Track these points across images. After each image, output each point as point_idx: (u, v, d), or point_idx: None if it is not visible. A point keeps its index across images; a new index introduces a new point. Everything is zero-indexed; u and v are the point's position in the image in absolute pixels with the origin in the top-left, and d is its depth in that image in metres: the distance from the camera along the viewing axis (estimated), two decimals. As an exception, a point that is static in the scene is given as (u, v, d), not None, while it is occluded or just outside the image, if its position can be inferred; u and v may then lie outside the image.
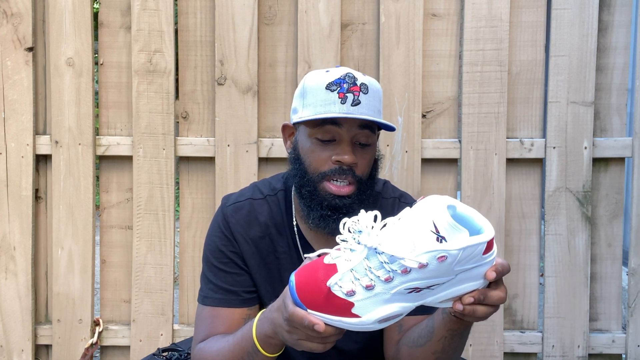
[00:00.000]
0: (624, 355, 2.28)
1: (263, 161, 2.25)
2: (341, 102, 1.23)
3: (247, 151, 2.21)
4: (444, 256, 0.92)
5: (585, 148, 2.19)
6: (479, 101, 2.19)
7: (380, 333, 1.39)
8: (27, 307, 2.25)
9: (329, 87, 1.24)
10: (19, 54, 2.21)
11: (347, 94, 1.23)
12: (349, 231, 0.99)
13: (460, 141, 2.21)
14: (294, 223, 1.37)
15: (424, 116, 2.23)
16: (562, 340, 2.23)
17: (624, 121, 2.25)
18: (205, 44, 2.24)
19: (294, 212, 1.38)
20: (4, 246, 2.24)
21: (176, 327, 2.28)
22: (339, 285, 0.97)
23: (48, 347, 2.31)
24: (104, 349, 2.31)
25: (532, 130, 2.23)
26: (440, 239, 0.92)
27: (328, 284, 0.97)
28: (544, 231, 2.23)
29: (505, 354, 2.25)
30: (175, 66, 2.23)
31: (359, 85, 1.25)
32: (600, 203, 2.25)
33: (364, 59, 2.23)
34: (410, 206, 0.99)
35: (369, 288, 0.96)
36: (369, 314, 0.96)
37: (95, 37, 2.26)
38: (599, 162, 2.23)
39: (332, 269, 0.98)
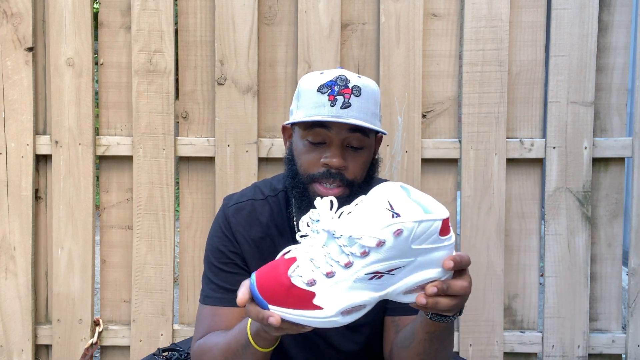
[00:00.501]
0: (624, 355, 2.28)
1: (263, 161, 2.25)
2: (330, 105, 1.22)
3: (247, 151, 2.21)
4: (399, 229, 0.93)
5: (585, 148, 2.19)
6: (479, 101, 2.19)
7: (380, 333, 1.39)
8: (27, 307, 2.25)
9: (320, 89, 1.24)
10: (19, 54, 2.21)
11: (337, 97, 1.23)
12: (307, 225, 1.00)
13: (460, 141, 2.21)
14: (295, 224, 1.37)
15: (424, 116, 2.23)
16: (562, 340, 2.23)
17: (624, 121, 2.25)
18: (205, 44, 2.24)
19: (294, 212, 1.38)
20: (4, 246, 2.24)
21: (176, 327, 2.28)
22: (299, 274, 0.96)
23: (48, 347, 2.31)
24: (104, 349, 2.31)
25: (532, 130, 2.24)
26: (395, 215, 0.94)
27: (288, 273, 0.96)
28: (544, 231, 2.23)
29: (505, 354, 2.25)
30: (175, 66, 2.23)
31: (350, 87, 1.24)
32: (600, 203, 2.25)
33: (364, 59, 2.23)
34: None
35: (329, 275, 0.95)
36: (331, 304, 0.95)
37: (95, 37, 2.26)
38: (599, 162, 2.23)
39: (292, 261, 0.98)
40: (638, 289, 2.24)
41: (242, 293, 0.97)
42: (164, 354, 1.61)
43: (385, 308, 1.37)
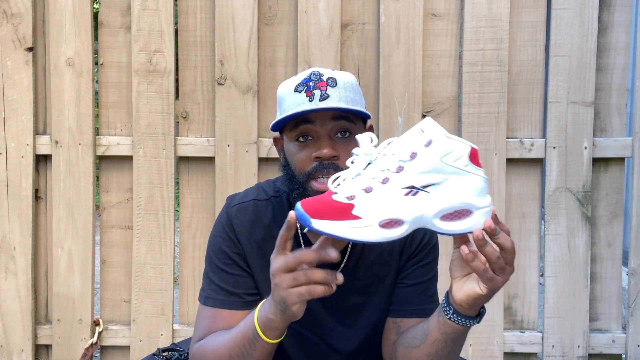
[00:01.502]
0: (624, 355, 2.28)
1: (263, 161, 2.25)
2: (309, 100, 1.23)
3: (247, 151, 2.21)
4: (429, 139, 1.01)
5: (585, 148, 2.19)
6: (479, 101, 2.19)
7: (379, 333, 1.39)
8: (27, 307, 2.25)
9: (296, 89, 1.25)
10: (19, 54, 2.21)
11: (314, 91, 1.24)
12: (352, 162, 1.07)
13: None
14: (298, 225, 1.37)
15: (424, 116, 2.23)
16: (562, 340, 2.23)
17: (624, 121, 2.25)
18: (205, 44, 2.24)
19: None
20: (4, 246, 2.24)
21: (176, 327, 2.28)
22: (339, 192, 1.03)
23: (48, 347, 2.31)
24: (104, 349, 2.31)
25: (532, 130, 2.23)
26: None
27: (329, 186, 1.04)
28: (544, 231, 2.23)
29: (505, 354, 2.25)
30: (175, 66, 2.23)
31: (325, 80, 1.25)
32: (600, 203, 2.25)
33: (364, 59, 2.23)
34: None
35: (367, 190, 1.02)
36: (370, 214, 1.00)
37: (95, 37, 2.26)
38: (599, 162, 2.23)
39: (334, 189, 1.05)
40: (638, 289, 2.24)
41: (290, 214, 1.03)
42: (164, 354, 1.61)
43: (387, 310, 1.37)
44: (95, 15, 2.31)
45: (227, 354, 1.21)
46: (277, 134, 1.37)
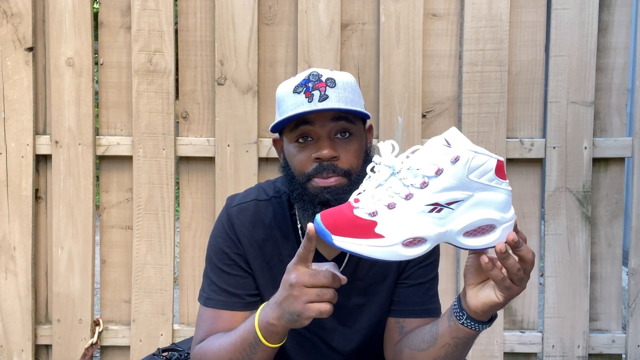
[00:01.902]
0: (624, 355, 2.28)
1: (263, 161, 2.25)
2: (308, 101, 1.23)
3: (247, 151, 2.21)
4: (456, 156, 0.97)
5: (585, 148, 2.19)
6: (479, 101, 2.19)
7: (380, 333, 1.39)
8: (27, 307, 2.25)
9: (295, 90, 1.24)
10: (19, 54, 2.21)
11: (313, 92, 1.23)
12: (372, 170, 1.05)
13: (460, 141, 2.21)
14: (299, 225, 1.37)
15: (424, 116, 2.23)
16: (562, 340, 2.23)
17: (624, 121, 2.25)
18: (205, 44, 2.24)
19: (298, 215, 1.38)
20: (4, 246, 2.24)
21: (176, 327, 2.28)
22: (361, 207, 1.00)
23: (48, 347, 2.31)
24: (104, 349, 2.31)
25: (532, 130, 2.23)
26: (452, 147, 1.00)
27: (351, 203, 1.01)
28: (544, 231, 2.23)
29: (505, 354, 2.25)
30: (175, 66, 2.23)
31: (324, 80, 1.25)
32: (600, 203, 2.25)
33: (364, 59, 2.23)
34: None
35: (390, 207, 0.99)
36: (393, 233, 0.98)
37: (95, 37, 2.26)
38: (599, 162, 2.23)
39: (355, 202, 1.02)
40: (638, 289, 2.24)
41: (310, 227, 1.03)
42: (164, 354, 1.61)
43: (388, 310, 1.37)
44: (95, 15, 2.31)
45: (227, 358, 1.21)
46: (276, 135, 1.37)
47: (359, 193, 1.03)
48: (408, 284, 1.36)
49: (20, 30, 2.20)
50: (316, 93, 1.23)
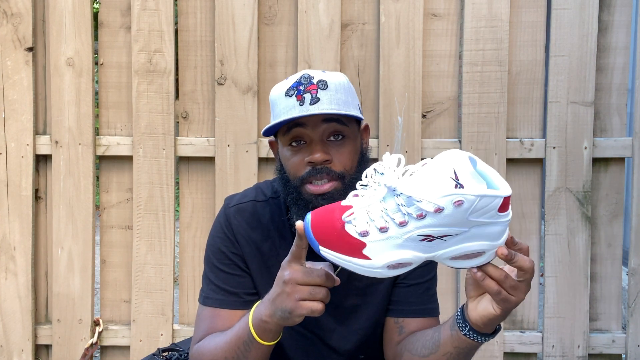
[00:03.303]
0: (624, 355, 2.28)
1: (263, 161, 2.25)
2: (300, 105, 1.22)
3: (247, 151, 2.21)
4: (460, 200, 0.93)
5: (585, 148, 2.19)
6: (479, 101, 2.19)
7: (379, 333, 1.39)
8: (27, 307, 2.25)
9: (287, 93, 1.24)
10: (19, 54, 2.21)
11: (304, 95, 1.23)
12: (371, 176, 1.02)
13: (460, 141, 2.21)
14: (295, 230, 1.37)
15: (424, 116, 2.23)
16: (562, 340, 2.23)
17: (624, 121, 2.25)
18: (205, 44, 2.24)
19: (294, 218, 1.38)
20: (4, 246, 2.24)
21: (176, 327, 2.28)
22: (353, 224, 0.98)
23: (48, 347, 2.31)
24: (104, 349, 2.31)
25: (532, 130, 2.23)
26: (459, 185, 0.94)
27: (343, 218, 0.99)
28: (544, 231, 2.23)
29: (505, 354, 2.25)
30: (175, 66, 2.23)
31: (315, 83, 1.24)
32: (600, 203, 2.25)
33: (364, 59, 2.23)
34: None
35: (382, 230, 0.97)
36: (380, 256, 0.97)
37: (95, 37, 2.26)
38: (599, 162, 2.23)
39: (347, 208, 1.00)
40: (638, 289, 2.24)
41: (299, 226, 1.03)
42: (164, 354, 1.61)
43: (387, 309, 1.37)
44: (95, 15, 2.31)
45: (223, 356, 1.21)
46: (272, 137, 1.37)
47: (355, 195, 1.02)
48: (407, 283, 1.36)
49: (20, 30, 2.20)
50: (307, 96, 1.22)
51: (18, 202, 2.23)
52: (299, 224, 1.03)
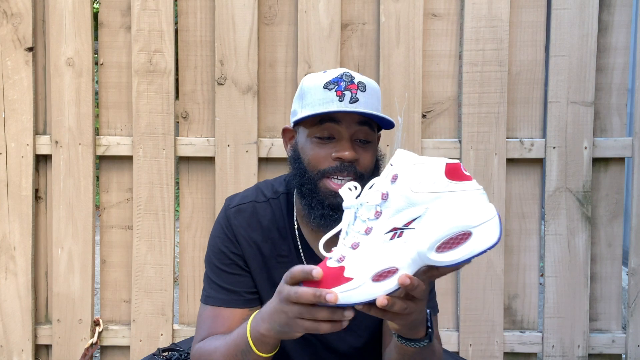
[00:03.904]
0: (624, 355, 2.28)
1: (263, 161, 2.25)
2: (339, 100, 1.23)
3: (247, 151, 2.21)
4: (394, 174, 0.95)
5: (585, 148, 2.19)
6: (479, 101, 2.19)
7: (378, 334, 1.39)
8: (27, 307, 2.25)
9: (326, 86, 1.25)
10: (19, 54, 2.21)
11: (344, 92, 1.24)
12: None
13: (460, 141, 2.21)
14: (295, 226, 1.37)
15: (424, 116, 2.23)
16: (562, 340, 2.23)
17: (624, 121, 2.25)
18: (205, 44, 2.24)
19: (295, 215, 1.38)
20: (4, 246, 2.24)
21: (176, 327, 2.28)
22: (332, 257, 0.98)
23: (48, 347, 2.31)
24: (104, 349, 2.31)
25: (532, 130, 2.23)
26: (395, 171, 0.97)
27: (326, 253, 0.98)
28: (544, 231, 2.23)
29: (505, 354, 2.25)
30: (175, 66, 2.23)
31: (356, 83, 1.26)
32: (600, 203, 2.25)
33: (364, 59, 2.23)
34: None
35: (354, 247, 0.96)
36: (360, 272, 0.94)
37: (95, 37, 2.26)
38: (599, 162, 2.23)
39: (330, 252, 1.01)
40: (638, 289, 2.24)
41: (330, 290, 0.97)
42: (164, 354, 1.61)
43: None
44: (95, 15, 2.31)
45: None
46: (289, 125, 1.37)
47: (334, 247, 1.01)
48: None
49: (20, 30, 2.20)
50: (348, 94, 1.24)
51: (18, 202, 2.23)
52: (318, 270, 0.97)
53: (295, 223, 1.37)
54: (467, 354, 2.22)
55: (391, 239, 0.95)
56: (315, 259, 1.34)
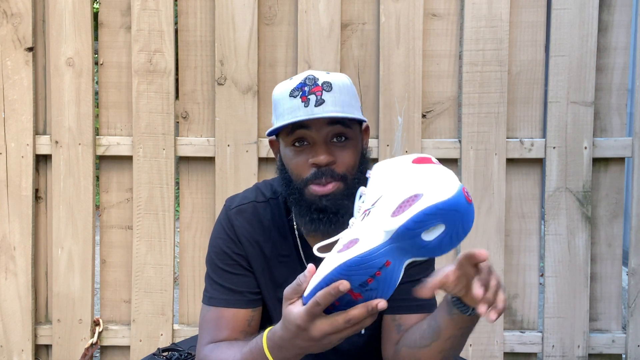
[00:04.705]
0: (624, 355, 2.28)
1: (263, 161, 2.25)
2: (304, 106, 1.23)
3: (247, 151, 2.21)
4: (370, 174, 1.11)
5: (585, 148, 2.19)
6: (479, 101, 2.19)
7: (378, 334, 1.39)
8: (27, 307, 2.25)
9: (291, 94, 1.25)
10: (19, 54, 2.21)
11: (309, 96, 1.24)
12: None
13: (460, 141, 2.21)
14: (295, 226, 1.38)
15: (424, 116, 2.23)
16: (562, 340, 2.23)
17: (624, 121, 2.25)
18: (205, 44, 2.24)
19: (295, 218, 1.38)
20: (4, 246, 2.24)
21: (176, 327, 2.28)
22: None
23: (48, 347, 2.31)
24: (104, 349, 2.31)
25: (532, 130, 2.23)
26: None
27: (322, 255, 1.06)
28: (544, 231, 2.23)
29: (505, 354, 2.25)
30: (175, 66, 2.23)
31: (320, 84, 1.25)
32: (600, 203, 2.25)
33: (364, 59, 2.23)
34: None
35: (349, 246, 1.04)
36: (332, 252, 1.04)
37: (95, 37, 2.26)
38: (599, 162, 2.23)
39: None
40: (638, 289, 2.24)
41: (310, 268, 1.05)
42: (164, 354, 1.61)
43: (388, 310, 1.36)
44: (95, 15, 2.31)
45: None
46: (272, 136, 1.38)
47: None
48: (404, 280, 1.36)
49: (20, 30, 2.20)
50: (312, 97, 1.23)
51: (18, 202, 2.23)
52: (311, 266, 1.05)
53: (295, 223, 1.38)
54: (467, 354, 2.22)
55: (362, 220, 1.04)
56: (315, 258, 1.34)
